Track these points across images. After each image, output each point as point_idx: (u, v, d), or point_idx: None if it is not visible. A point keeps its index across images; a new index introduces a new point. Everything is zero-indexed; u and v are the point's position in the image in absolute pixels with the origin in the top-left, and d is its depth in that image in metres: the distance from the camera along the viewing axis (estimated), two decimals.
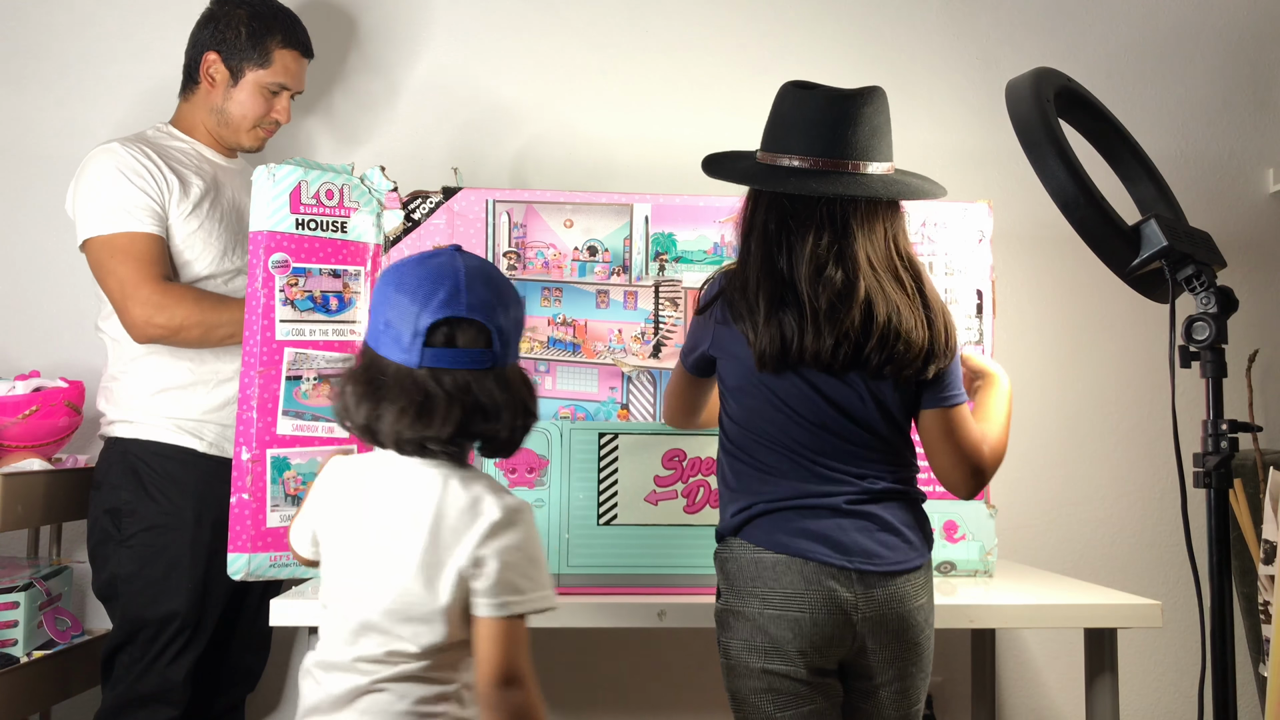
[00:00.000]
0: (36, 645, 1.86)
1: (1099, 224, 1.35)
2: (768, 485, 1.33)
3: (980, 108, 2.34)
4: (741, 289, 1.34)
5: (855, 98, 1.34)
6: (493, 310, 1.14)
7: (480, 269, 1.17)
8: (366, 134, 2.30)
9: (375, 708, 1.13)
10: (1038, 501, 2.32)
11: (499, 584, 1.12)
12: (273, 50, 1.92)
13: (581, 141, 2.29)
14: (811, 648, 1.30)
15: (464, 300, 1.13)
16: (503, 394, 1.14)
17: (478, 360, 1.13)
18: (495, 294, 1.15)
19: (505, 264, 1.79)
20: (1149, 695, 2.33)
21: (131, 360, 1.86)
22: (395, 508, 1.16)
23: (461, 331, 1.13)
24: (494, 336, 1.14)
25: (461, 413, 1.12)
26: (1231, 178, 2.40)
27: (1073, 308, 2.35)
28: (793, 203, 1.33)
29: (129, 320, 1.78)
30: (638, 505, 1.66)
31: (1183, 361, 1.33)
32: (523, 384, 1.18)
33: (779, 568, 1.30)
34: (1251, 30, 2.41)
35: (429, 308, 1.13)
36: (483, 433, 1.15)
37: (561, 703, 2.26)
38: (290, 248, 1.72)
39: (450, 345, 1.13)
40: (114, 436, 1.86)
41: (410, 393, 1.12)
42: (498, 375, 1.14)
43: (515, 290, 1.20)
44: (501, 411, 1.14)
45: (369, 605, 1.14)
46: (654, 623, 1.56)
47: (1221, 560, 1.31)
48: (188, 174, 1.87)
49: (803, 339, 1.29)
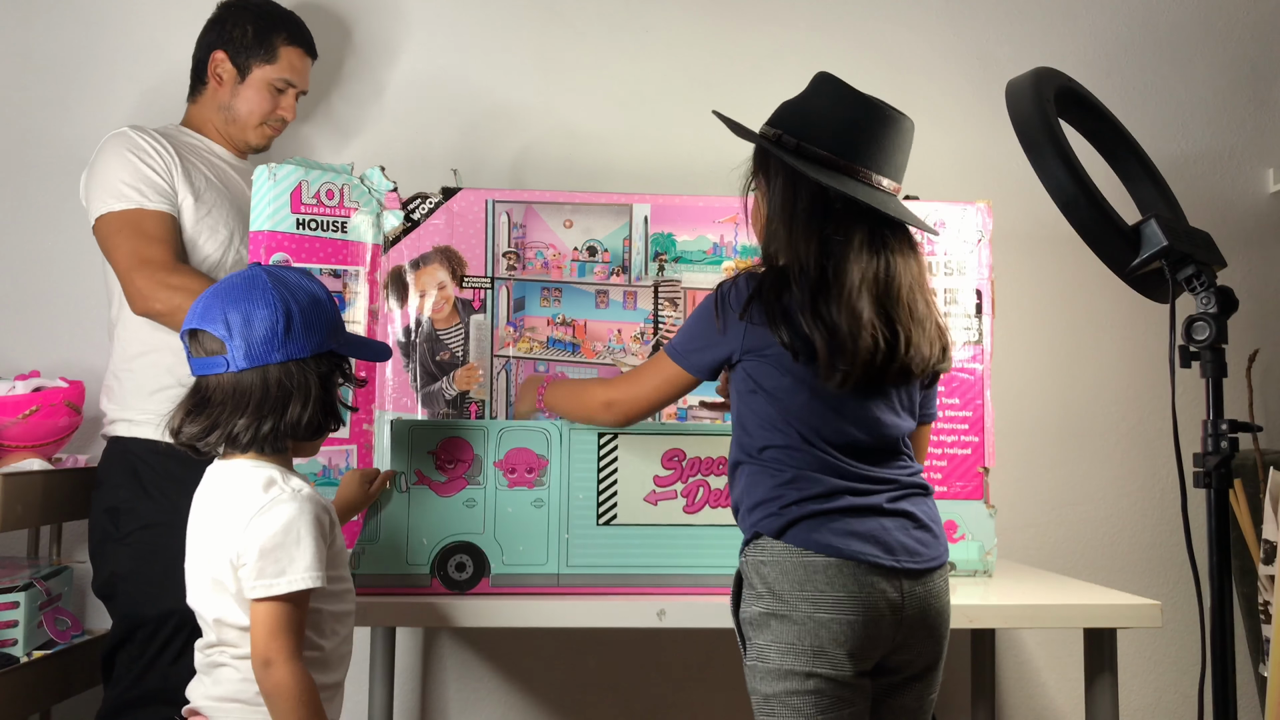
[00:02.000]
0: (36, 645, 1.86)
1: (1099, 224, 1.35)
2: (809, 486, 1.32)
3: (980, 108, 2.34)
4: (778, 288, 1.33)
5: (906, 124, 1.39)
6: (220, 319, 1.26)
7: (228, 282, 1.30)
8: (366, 134, 2.30)
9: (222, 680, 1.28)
10: (1038, 501, 2.32)
11: (254, 568, 1.22)
12: (279, 47, 1.97)
13: (581, 142, 2.30)
14: (859, 649, 1.29)
15: (196, 312, 1.28)
16: (232, 395, 1.26)
17: (212, 365, 1.26)
18: (229, 302, 1.26)
19: (505, 264, 1.79)
20: (1149, 695, 2.33)
21: (133, 359, 1.86)
22: (203, 505, 1.31)
23: (197, 341, 1.28)
24: (227, 343, 1.25)
25: (183, 411, 1.28)
26: (1231, 178, 2.40)
27: (1072, 308, 2.35)
28: (846, 207, 1.33)
29: (133, 289, 1.79)
30: (637, 505, 1.66)
31: (1183, 361, 1.33)
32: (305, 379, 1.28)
33: (830, 570, 1.29)
34: (1251, 30, 2.41)
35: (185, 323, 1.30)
36: (213, 427, 1.26)
37: (562, 702, 2.26)
38: (291, 247, 1.72)
39: (195, 355, 1.28)
40: (115, 436, 1.87)
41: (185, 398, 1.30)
42: (235, 377, 1.26)
43: (280, 293, 1.28)
44: (231, 409, 1.26)
45: (195, 598, 1.30)
46: (653, 622, 1.56)
47: (1221, 560, 1.31)
48: (196, 162, 1.91)
49: (856, 341, 1.29)
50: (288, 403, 1.27)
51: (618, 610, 1.57)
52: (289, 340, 1.27)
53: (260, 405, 1.26)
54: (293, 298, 1.28)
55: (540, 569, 1.63)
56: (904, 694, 1.36)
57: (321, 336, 1.30)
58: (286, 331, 1.27)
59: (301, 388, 1.27)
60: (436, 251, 1.77)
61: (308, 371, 1.28)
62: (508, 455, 1.67)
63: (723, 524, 1.63)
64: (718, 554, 1.62)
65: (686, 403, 1.78)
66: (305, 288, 1.31)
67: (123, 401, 1.86)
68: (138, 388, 1.85)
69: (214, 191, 1.90)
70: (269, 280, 1.29)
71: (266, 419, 1.26)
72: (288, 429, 1.27)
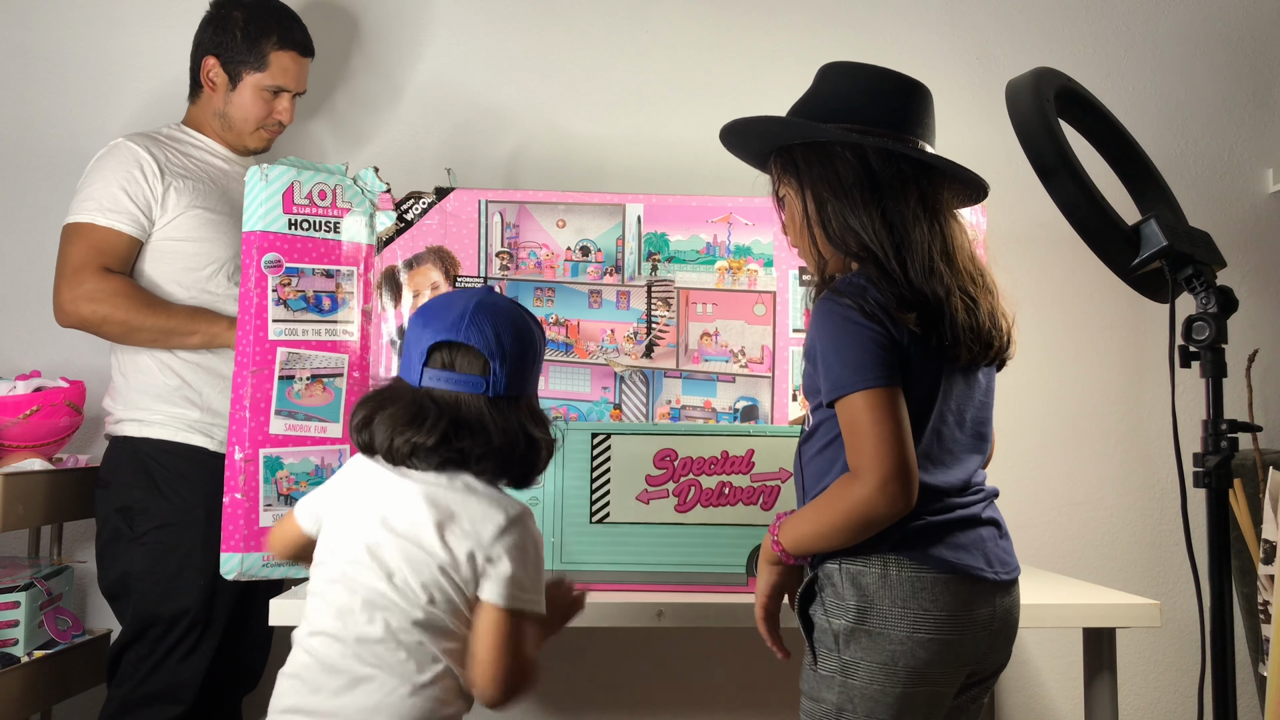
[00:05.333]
0: (37, 645, 1.86)
1: (1099, 224, 1.34)
2: (923, 496, 1.19)
3: (978, 107, 2.34)
4: (885, 279, 1.21)
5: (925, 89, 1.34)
6: (493, 341, 1.20)
7: (491, 303, 1.23)
8: (360, 134, 2.30)
9: (379, 692, 1.15)
10: (1037, 501, 2.32)
11: (510, 578, 1.17)
12: (268, 53, 1.93)
13: (574, 142, 2.29)
14: (955, 666, 1.22)
15: (464, 327, 1.20)
16: (494, 417, 1.20)
17: (472, 385, 1.20)
18: (500, 327, 1.21)
19: (498, 264, 1.79)
20: (1148, 695, 2.33)
21: (138, 357, 1.87)
22: (411, 506, 1.20)
23: (459, 356, 1.21)
24: (492, 365, 1.19)
25: (447, 424, 1.19)
26: (1231, 178, 2.39)
27: (1071, 308, 2.35)
28: (922, 188, 1.25)
29: (57, 300, 1.82)
30: (629, 504, 1.67)
31: (1183, 361, 1.33)
32: (528, 415, 1.23)
33: (938, 587, 1.19)
34: (1251, 30, 2.41)
35: (432, 331, 1.21)
36: (468, 449, 1.19)
37: (561, 702, 2.26)
38: (283, 248, 1.72)
39: (449, 368, 1.21)
40: (122, 435, 1.87)
41: (404, 403, 1.20)
42: (493, 401, 1.20)
43: (531, 330, 1.25)
44: (491, 433, 1.19)
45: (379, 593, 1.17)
46: (652, 622, 1.56)
47: (1221, 560, 1.30)
48: (196, 170, 1.91)
49: (945, 307, 1.20)
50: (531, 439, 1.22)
51: (616, 610, 1.58)
52: (532, 376, 1.25)
53: (512, 443, 1.20)
54: (536, 334, 1.26)
55: None
56: (973, 701, 1.31)
57: (537, 379, 1.28)
58: (533, 367, 1.25)
59: (536, 422, 1.24)
60: (430, 251, 1.77)
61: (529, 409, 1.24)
62: None
63: (713, 523, 1.65)
64: (708, 552, 1.64)
65: (680, 403, 1.78)
66: (541, 329, 1.29)
67: (130, 401, 1.87)
68: (146, 387, 1.86)
69: (212, 196, 1.90)
70: (523, 312, 1.26)
71: (515, 456, 1.21)
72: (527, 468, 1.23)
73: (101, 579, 1.86)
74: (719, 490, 1.67)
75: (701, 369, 1.80)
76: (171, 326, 1.82)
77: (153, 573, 1.80)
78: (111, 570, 1.84)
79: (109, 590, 1.85)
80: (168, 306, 1.84)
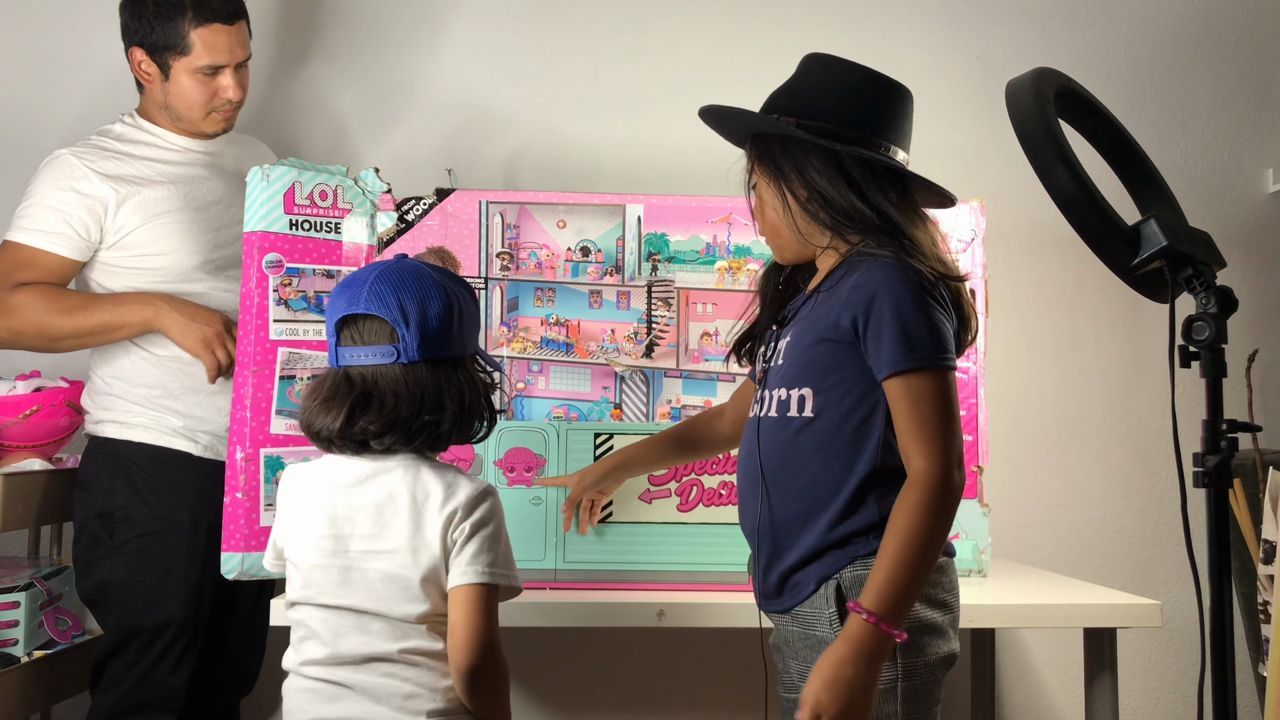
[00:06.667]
0: (37, 645, 1.86)
1: (1099, 224, 1.35)
2: None
3: (978, 106, 2.34)
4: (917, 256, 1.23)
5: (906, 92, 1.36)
6: (395, 307, 1.16)
7: (395, 269, 1.20)
8: (360, 135, 2.29)
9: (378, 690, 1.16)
10: (1037, 501, 2.32)
11: (477, 553, 1.16)
12: (188, 33, 1.75)
13: (574, 143, 2.29)
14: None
15: (364, 297, 1.17)
16: (412, 385, 1.16)
17: (382, 354, 1.16)
18: (403, 290, 1.17)
19: (499, 265, 1.79)
20: (1148, 695, 2.33)
21: (125, 361, 1.83)
22: (369, 500, 1.19)
23: (365, 327, 1.18)
24: (399, 330, 1.16)
25: (353, 403, 1.15)
26: (1231, 178, 2.39)
27: (1071, 307, 2.35)
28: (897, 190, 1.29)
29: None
30: (632, 503, 1.67)
31: (1183, 361, 1.33)
32: (460, 378, 1.19)
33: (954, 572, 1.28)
34: (1251, 30, 2.41)
35: (336, 308, 1.19)
36: (394, 422, 1.16)
37: (561, 702, 2.26)
38: (284, 248, 1.72)
39: (357, 342, 1.18)
40: (103, 437, 1.83)
41: (325, 389, 1.18)
42: (411, 367, 1.16)
43: (445, 289, 1.20)
44: (405, 401, 1.16)
45: (358, 597, 1.18)
46: (653, 622, 1.56)
47: (1221, 560, 1.30)
48: (150, 175, 1.82)
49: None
50: (463, 400, 1.19)
51: (616, 610, 1.58)
52: (459, 335, 1.20)
53: (438, 401, 1.17)
54: (457, 292, 1.22)
55: (538, 564, 1.65)
56: None
57: (476, 335, 1.25)
58: (459, 325, 1.20)
59: (470, 385, 1.20)
60: (430, 252, 1.77)
61: (472, 369, 1.22)
62: (507, 454, 1.68)
63: (715, 522, 1.65)
64: (710, 551, 1.64)
65: (680, 403, 1.79)
66: (464, 283, 1.25)
67: (110, 403, 1.83)
68: (128, 390, 1.82)
69: (173, 200, 1.81)
70: (432, 272, 1.21)
71: (444, 417, 1.18)
72: (462, 428, 1.20)
73: (79, 584, 1.83)
74: (721, 490, 1.68)
75: (702, 369, 1.80)
76: (93, 326, 1.74)
77: (134, 583, 1.75)
78: (89, 577, 1.80)
79: (87, 597, 1.82)
80: (85, 305, 1.76)
